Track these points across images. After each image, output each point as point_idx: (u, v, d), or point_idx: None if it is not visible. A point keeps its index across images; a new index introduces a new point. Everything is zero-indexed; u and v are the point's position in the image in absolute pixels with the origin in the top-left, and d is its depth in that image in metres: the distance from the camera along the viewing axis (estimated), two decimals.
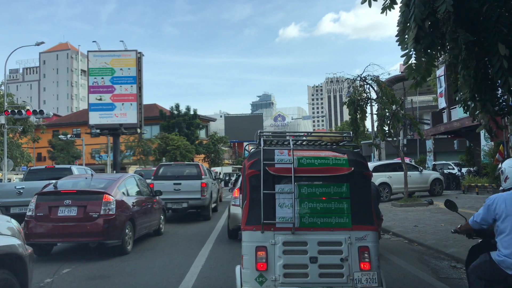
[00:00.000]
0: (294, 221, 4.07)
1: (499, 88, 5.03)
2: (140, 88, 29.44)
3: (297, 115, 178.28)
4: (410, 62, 4.72)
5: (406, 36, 4.59)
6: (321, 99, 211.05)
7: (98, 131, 29.18)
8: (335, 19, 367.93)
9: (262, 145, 4.45)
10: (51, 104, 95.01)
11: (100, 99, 29.06)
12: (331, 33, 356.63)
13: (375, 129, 16.95)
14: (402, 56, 4.74)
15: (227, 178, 37.52)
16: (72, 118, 60.92)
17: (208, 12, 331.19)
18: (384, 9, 5.18)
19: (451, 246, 7.87)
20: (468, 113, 5.69)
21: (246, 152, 5.58)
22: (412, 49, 4.55)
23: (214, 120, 69.06)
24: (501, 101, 5.14)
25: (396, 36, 4.76)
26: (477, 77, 4.73)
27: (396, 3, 5.07)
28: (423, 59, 4.72)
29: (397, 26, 4.76)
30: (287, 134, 5.44)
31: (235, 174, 36.52)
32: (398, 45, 4.76)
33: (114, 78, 29.21)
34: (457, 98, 5.58)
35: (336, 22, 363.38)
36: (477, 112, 5.24)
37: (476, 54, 4.68)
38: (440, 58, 5.76)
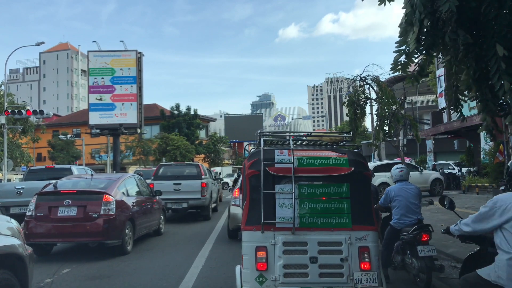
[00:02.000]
0: (294, 221, 4.07)
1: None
2: (140, 88, 29.44)
3: (297, 115, 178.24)
4: (400, 59, 4.72)
5: (409, 39, 4.56)
6: (321, 99, 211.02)
7: (98, 131, 29.19)
8: (335, 19, 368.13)
9: (262, 145, 4.45)
10: (51, 104, 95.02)
11: (100, 99, 29.07)
12: (331, 34, 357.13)
13: (375, 129, 16.94)
14: (394, 52, 4.73)
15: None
16: (72, 118, 60.92)
17: (208, 12, 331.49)
18: (383, 0, 5.03)
19: (451, 246, 7.86)
20: (458, 115, 5.72)
21: (246, 152, 5.58)
22: (409, 47, 4.54)
23: (214, 120, 69.03)
24: (501, 101, 5.13)
25: (399, 36, 4.74)
26: (476, 77, 4.72)
27: None
28: (415, 57, 4.73)
29: (399, 27, 4.74)
30: (287, 134, 5.44)
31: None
32: (397, 47, 4.75)
33: (114, 78, 29.21)
34: (455, 102, 5.58)
35: (336, 23, 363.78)
36: (463, 114, 5.30)
37: (475, 54, 4.67)
38: (441, 58, 5.75)
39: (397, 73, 5.10)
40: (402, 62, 4.71)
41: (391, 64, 4.87)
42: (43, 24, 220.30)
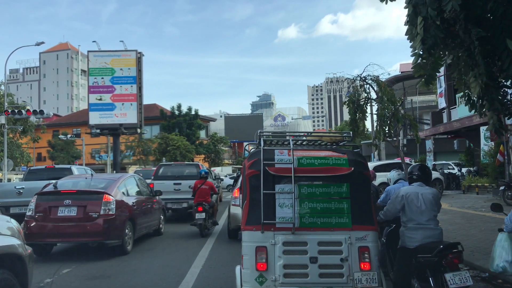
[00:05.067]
0: (294, 221, 4.07)
1: (504, 87, 5.02)
2: (140, 88, 29.41)
3: (297, 115, 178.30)
4: (418, 61, 4.74)
5: (415, 41, 4.58)
6: (321, 99, 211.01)
7: (98, 131, 29.16)
8: (334, 20, 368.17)
9: (262, 145, 4.45)
10: (51, 104, 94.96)
11: (100, 99, 29.04)
12: (330, 35, 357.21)
13: (375, 129, 16.94)
14: (412, 56, 4.76)
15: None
16: (72, 118, 60.87)
17: (209, 12, 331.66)
18: None
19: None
20: (475, 111, 5.67)
21: (246, 152, 5.58)
22: (416, 49, 4.56)
23: (214, 120, 68.98)
24: (506, 100, 5.11)
25: (406, 34, 4.77)
26: (486, 75, 4.71)
27: None
28: (430, 58, 4.74)
29: (405, 25, 4.76)
30: (287, 134, 5.44)
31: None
32: (410, 41, 4.76)
33: (114, 78, 29.19)
34: (465, 98, 5.56)
35: (335, 24, 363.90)
36: (484, 110, 5.23)
37: (484, 50, 4.65)
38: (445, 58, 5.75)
39: (397, 73, 5.11)
40: (421, 63, 4.72)
41: (412, 68, 4.89)
42: (43, 24, 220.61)
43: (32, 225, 7.82)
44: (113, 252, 8.12)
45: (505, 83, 4.90)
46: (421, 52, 4.62)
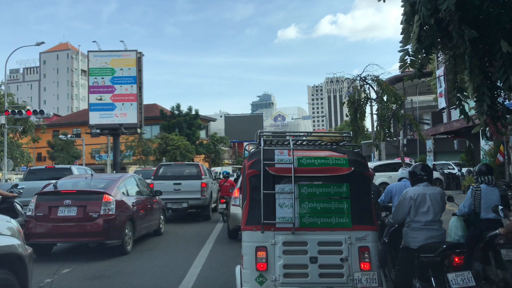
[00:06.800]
0: (294, 221, 4.07)
1: (497, 88, 5.02)
2: (140, 88, 29.43)
3: (297, 115, 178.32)
4: (405, 58, 4.75)
5: (411, 39, 4.58)
6: (321, 99, 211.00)
7: (98, 131, 29.19)
8: (333, 21, 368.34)
9: (262, 145, 4.45)
10: (51, 104, 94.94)
11: (100, 99, 29.06)
12: (329, 35, 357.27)
13: (375, 129, 16.97)
14: (400, 51, 4.75)
15: None
16: (72, 118, 60.84)
17: (210, 12, 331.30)
18: None
19: None
20: (461, 115, 5.66)
21: (246, 152, 5.58)
22: (411, 47, 4.56)
23: (214, 120, 68.96)
24: (497, 102, 5.11)
25: (401, 34, 4.76)
26: (479, 75, 4.71)
27: None
28: (419, 56, 4.75)
29: (401, 24, 4.76)
30: (287, 134, 5.44)
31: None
32: (401, 46, 4.77)
33: (114, 78, 29.21)
34: (457, 101, 5.54)
35: (334, 24, 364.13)
36: (468, 112, 5.24)
37: (479, 51, 4.65)
38: (440, 58, 5.75)
39: (397, 73, 5.12)
40: (409, 61, 4.73)
41: (399, 62, 4.89)
42: (44, 24, 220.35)
43: (32, 225, 7.82)
44: (113, 252, 8.12)
45: (499, 84, 4.89)
46: (410, 50, 4.62)
